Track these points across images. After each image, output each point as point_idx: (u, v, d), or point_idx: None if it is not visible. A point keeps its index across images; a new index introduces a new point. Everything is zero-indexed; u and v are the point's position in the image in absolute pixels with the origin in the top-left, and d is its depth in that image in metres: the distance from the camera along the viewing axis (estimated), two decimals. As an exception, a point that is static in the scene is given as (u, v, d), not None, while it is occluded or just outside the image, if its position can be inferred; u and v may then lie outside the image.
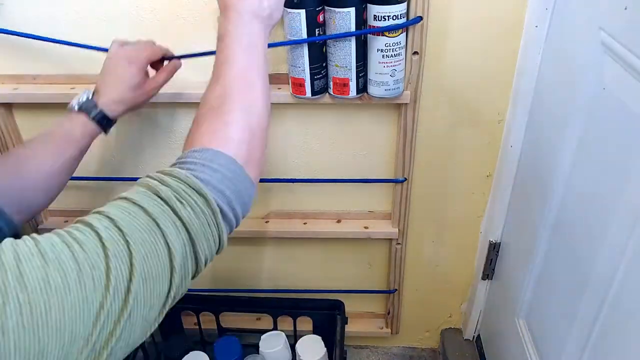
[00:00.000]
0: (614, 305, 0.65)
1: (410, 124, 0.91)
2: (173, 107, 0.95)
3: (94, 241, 0.41)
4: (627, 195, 0.60)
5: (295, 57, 0.82)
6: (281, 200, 1.07)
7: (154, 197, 0.46)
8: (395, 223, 1.04)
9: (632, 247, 0.59)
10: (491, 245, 1.07)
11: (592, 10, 0.68)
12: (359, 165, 1.01)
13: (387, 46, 0.79)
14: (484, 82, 0.90)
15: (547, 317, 0.86)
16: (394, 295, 1.16)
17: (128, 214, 0.44)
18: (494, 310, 1.13)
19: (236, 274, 1.19)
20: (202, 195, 0.48)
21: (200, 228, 0.47)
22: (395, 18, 0.77)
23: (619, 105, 0.61)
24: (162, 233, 0.44)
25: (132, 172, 1.04)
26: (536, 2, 0.81)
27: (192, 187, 0.48)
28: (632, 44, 0.58)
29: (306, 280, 1.19)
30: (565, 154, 0.76)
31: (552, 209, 0.82)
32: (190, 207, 0.47)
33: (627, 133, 0.60)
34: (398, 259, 1.09)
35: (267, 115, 0.59)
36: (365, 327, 1.24)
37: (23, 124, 0.99)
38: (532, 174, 0.90)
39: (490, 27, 0.85)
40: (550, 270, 0.85)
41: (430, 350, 1.32)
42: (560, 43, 0.78)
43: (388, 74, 0.82)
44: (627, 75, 0.59)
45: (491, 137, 0.97)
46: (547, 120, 0.84)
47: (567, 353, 0.77)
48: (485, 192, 1.04)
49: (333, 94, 0.86)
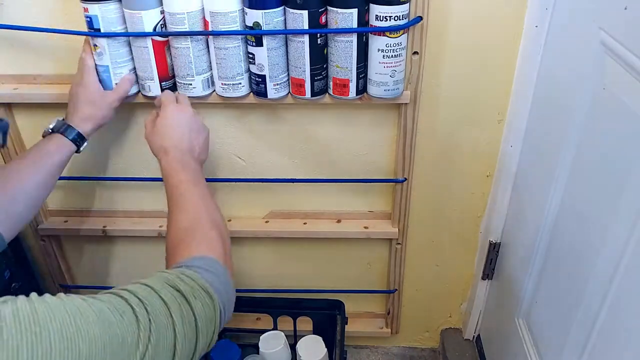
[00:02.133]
0: (613, 305, 0.65)
1: (410, 124, 0.91)
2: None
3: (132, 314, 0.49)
4: (627, 195, 0.60)
5: (296, 57, 0.82)
6: (281, 200, 1.07)
7: (172, 289, 0.53)
8: (395, 223, 1.04)
9: (633, 246, 0.60)
10: (491, 245, 1.07)
11: (592, 10, 0.68)
12: (359, 165, 1.01)
13: (388, 46, 0.79)
14: (484, 82, 0.90)
15: (547, 317, 0.86)
16: (394, 295, 1.16)
17: (150, 296, 0.52)
18: (494, 310, 1.13)
19: (236, 274, 1.19)
20: (209, 295, 0.56)
21: (206, 320, 0.55)
22: (397, 19, 0.77)
23: (619, 105, 0.61)
24: (173, 321, 0.51)
25: (131, 172, 1.04)
26: (536, 2, 0.81)
27: (202, 287, 0.56)
28: (632, 44, 0.58)
29: (306, 280, 1.19)
30: (565, 153, 0.76)
31: (552, 209, 0.82)
32: (201, 303, 0.54)
33: (627, 133, 0.60)
34: (398, 259, 1.10)
35: (224, 228, 0.69)
36: (365, 327, 1.24)
37: (23, 124, 0.99)
38: (532, 174, 0.90)
39: (490, 27, 0.85)
40: (550, 271, 0.85)
41: (430, 350, 1.32)
42: (560, 43, 0.78)
43: (388, 75, 0.82)
44: (627, 75, 0.59)
45: (491, 137, 0.97)
46: (547, 121, 0.84)
47: (567, 353, 0.77)
48: (485, 192, 1.04)
49: (333, 95, 0.86)
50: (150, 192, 1.06)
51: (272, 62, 0.82)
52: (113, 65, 0.84)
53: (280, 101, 0.88)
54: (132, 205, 1.09)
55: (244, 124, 0.97)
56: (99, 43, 0.82)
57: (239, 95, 0.87)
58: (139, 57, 0.84)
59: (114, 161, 1.03)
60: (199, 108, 0.95)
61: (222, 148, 1.00)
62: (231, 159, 1.02)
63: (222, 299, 0.57)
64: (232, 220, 1.09)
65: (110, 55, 0.83)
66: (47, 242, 1.11)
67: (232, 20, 0.79)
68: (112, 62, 0.84)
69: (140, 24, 0.80)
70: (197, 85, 0.86)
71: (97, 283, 1.18)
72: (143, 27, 0.80)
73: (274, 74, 0.83)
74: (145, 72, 0.85)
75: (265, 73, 0.83)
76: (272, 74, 0.83)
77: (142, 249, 1.15)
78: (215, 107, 0.94)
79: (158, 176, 1.03)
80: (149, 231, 1.06)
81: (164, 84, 0.86)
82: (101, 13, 0.79)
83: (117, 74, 0.85)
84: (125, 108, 0.96)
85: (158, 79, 0.85)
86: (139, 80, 0.87)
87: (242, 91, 0.87)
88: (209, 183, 1.03)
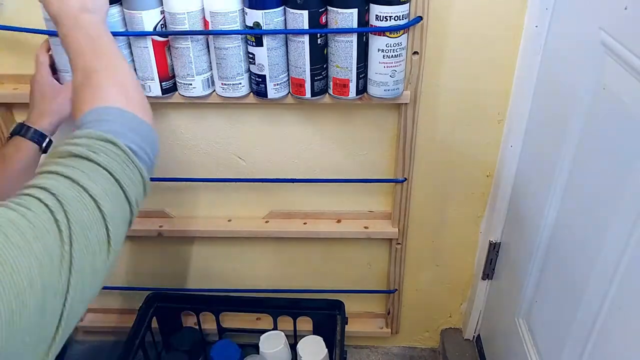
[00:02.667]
0: (613, 305, 0.65)
1: (410, 124, 0.91)
2: (168, 109, 0.96)
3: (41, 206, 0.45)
4: (627, 194, 0.60)
5: (296, 57, 0.82)
6: (281, 200, 1.07)
7: (70, 159, 0.50)
8: (395, 223, 1.04)
9: (633, 246, 0.60)
10: (491, 245, 1.07)
11: (592, 10, 0.68)
12: (359, 165, 1.01)
13: (388, 46, 0.79)
14: (483, 82, 0.90)
15: (547, 317, 0.86)
16: (394, 295, 1.16)
17: (57, 182, 0.48)
18: (494, 310, 1.13)
19: (236, 274, 1.19)
20: (110, 141, 0.52)
21: (120, 168, 0.52)
22: (397, 19, 0.77)
23: (619, 105, 0.61)
24: (83, 188, 0.48)
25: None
26: (536, 2, 0.81)
27: (98, 138, 0.52)
28: (632, 44, 0.58)
29: (306, 280, 1.19)
30: (565, 153, 0.76)
31: (552, 209, 0.82)
32: (105, 153, 0.51)
33: (627, 133, 0.60)
34: (398, 259, 1.10)
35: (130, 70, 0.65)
36: (365, 327, 1.24)
37: (23, 124, 0.99)
38: (532, 174, 0.90)
39: (490, 27, 0.85)
40: (550, 270, 0.85)
41: (430, 350, 1.32)
42: (560, 43, 0.78)
43: (388, 75, 0.82)
44: (627, 75, 0.59)
45: (491, 137, 0.97)
46: (547, 120, 0.84)
47: (567, 353, 0.77)
48: (485, 192, 1.04)
49: (333, 95, 0.86)
50: (151, 192, 1.05)
51: (272, 62, 0.82)
52: None
53: (280, 101, 0.88)
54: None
55: (244, 124, 0.97)
56: None
57: (239, 95, 0.87)
58: (139, 58, 0.84)
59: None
60: (199, 108, 0.96)
61: (222, 148, 1.00)
62: (231, 159, 1.02)
63: (129, 139, 0.54)
64: (232, 220, 1.09)
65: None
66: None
67: (232, 20, 0.79)
68: None
69: (140, 24, 0.80)
70: (197, 85, 0.86)
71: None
72: (143, 27, 0.80)
73: (274, 74, 0.84)
74: (146, 73, 0.85)
75: (265, 73, 0.83)
76: (272, 74, 0.83)
77: (142, 248, 1.15)
78: (215, 107, 0.94)
79: (158, 176, 1.03)
80: (149, 231, 1.06)
81: (164, 84, 0.87)
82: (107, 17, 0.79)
83: None
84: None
85: (158, 79, 0.86)
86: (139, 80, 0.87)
87: (242, 91, 0.87)
88: (210, 183, 1.04)
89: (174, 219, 1.09)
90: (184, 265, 1.18)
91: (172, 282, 1.20)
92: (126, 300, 1.26)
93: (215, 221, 1.09)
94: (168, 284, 1.20)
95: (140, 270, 1.20)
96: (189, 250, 1.16)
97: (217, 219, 1.09)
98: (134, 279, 1.21)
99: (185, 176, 1.04)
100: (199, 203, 1.08)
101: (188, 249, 1.15)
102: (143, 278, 1.20)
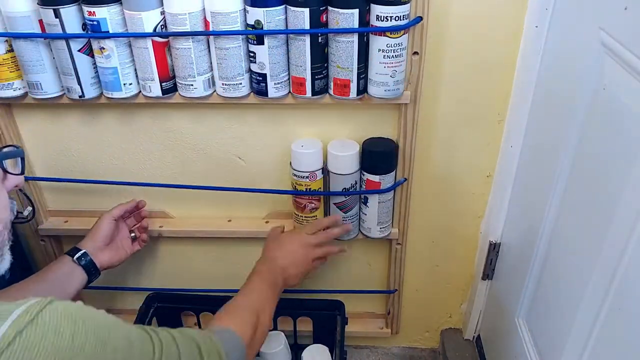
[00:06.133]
0: (613, 305, 0.65)
1: (410, 124, 0.91)
2: (168, 109, 0.96)
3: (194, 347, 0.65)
4: (627, 195, 0.60)
5: (296, 56, 0.82)
6: (281, 200, 1.07)
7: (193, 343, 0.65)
8: (395, 223, 1.04)
9: (633, 246, 0.60)
10: (491, 245, 1.07)
11: (592, 10, 0.68)
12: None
13: (389, 47, 0.79)
14: (483, 82, 0.90)
15: (547, 317, 0.86)
16: (394, 295, 1.16)
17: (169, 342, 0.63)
18: (494, 310, 1.13)
19: (236, 274, 1.19)
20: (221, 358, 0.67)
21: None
22: (398, 19, 0.77)
23: (619, 105, 0.62)
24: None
25: (131, 172, 1.04)
26: (536, 2, 0.81)
27: (218, 352, 0.67)
28: (632, 44, 0.58)
29: (306, 280, 1.18)
30: (565, 153, 0.76)
31: (552, 209, 0.82)
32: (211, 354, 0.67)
33: (627, 133, 0.60)
34: (398, 259, 1.10)
35: (265, 333, 0.83)
36: (365, 327, 1.24)
37: (23, 124, 0.99)
38: (532, 174, 0.90)
39: (490, 28, 0.85)
40: (550, 270, 0.85)
41: (430, 350, 1.32)
42: (560, 43, 0.78)
43: (388, 75, 0.82)
44: (627, 75, 0.59)
45: (491, 137, 0.97)
46: (547, 120, 0.84)
47: (567, 353, 0.77)
48: (485, 192, 1.04)
49: (333, 95, 0.86)
50: (151, 193, 1.06)
51: (273, 61, 0.82)
52: (121, 66, 0.85)
53: (281, 100, 0.88)
54: (132, 206, 1.08)
55: (244, 124, 0.97)
56: (107, 45, 0.83)
57: (239, 95, 0.87)
58: (140, 58, 0.84)
59: (114, 162, 1.03)
60: (199, 108, 0.96)
61: (222, 148, 1.00)
62: (231, 159, 1.02)
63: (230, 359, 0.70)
64: (232, 220, 1.09)
65: (119, 56, 0.84)
66: (47, 242, 1.11)
67: (233, 20, 0.79)
68: (120, 63, 0.84)
69: (140, 24, 0.80)
70: (199, 86, 0.86)
71: (97, 283, 1.18)
72: (143, 28, 0.80)
73: (275, 73, 0.84)
74: (146, 73, 0.85)
75: (266, 72, 0.83)
76: (272, 72, 0.83)
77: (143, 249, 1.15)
78: (216, 107, 0.94)
79: (158, 176, 1.03)
80: (149, 231, 1.06)
81: (165, 85, 0.87)
82: (109, 16, 0.80)
83: (125, 74, 0.86)
84: (126, 109, 0.96)
85: (159, 80, 0.86)
86: (139, 80, 0.88)
87: (242, 91, 0.87)
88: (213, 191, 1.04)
89: (174, 219, 1.09)
90: (184, 265, 1.18)
91: (172, 282, 1.20)
92: (126, 300, 1.26)
93: (215, 221, 1.09)
94: (168, 284, 1.20)
95: (140, 270, 1.20)
96: (189, 250, 1.16)
97: (217, 219, 1.09)
98: (134, 279, 1.21)
99: (185, 176, 1.04)
100: (199, 203, 1.08)
101: (188, 249, 1.15)
102: (143, 278, 1.20)
